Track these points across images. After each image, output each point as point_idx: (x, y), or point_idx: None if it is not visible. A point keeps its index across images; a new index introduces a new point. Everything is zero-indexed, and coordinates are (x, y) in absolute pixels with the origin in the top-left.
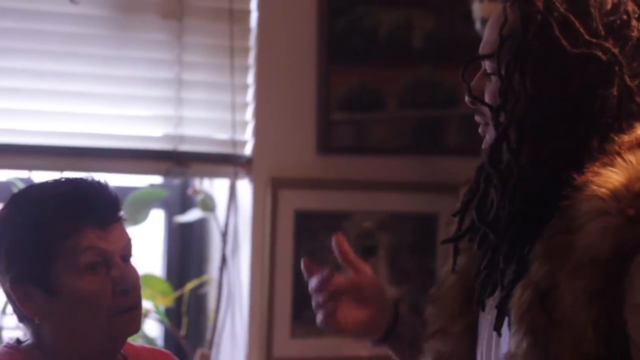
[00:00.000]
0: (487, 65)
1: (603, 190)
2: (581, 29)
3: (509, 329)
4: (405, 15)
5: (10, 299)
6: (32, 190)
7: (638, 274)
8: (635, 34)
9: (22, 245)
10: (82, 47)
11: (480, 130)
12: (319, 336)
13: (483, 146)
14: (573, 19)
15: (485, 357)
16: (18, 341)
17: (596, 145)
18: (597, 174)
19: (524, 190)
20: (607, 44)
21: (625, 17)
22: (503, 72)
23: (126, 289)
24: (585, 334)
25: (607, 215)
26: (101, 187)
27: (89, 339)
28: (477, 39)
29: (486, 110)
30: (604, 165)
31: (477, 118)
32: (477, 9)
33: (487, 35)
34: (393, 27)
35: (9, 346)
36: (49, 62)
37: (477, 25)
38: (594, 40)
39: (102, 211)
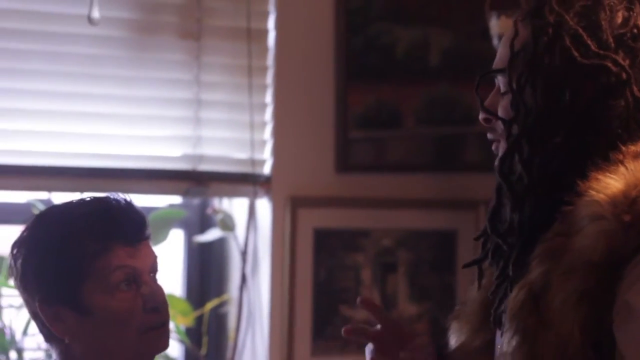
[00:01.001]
0: (500, 82)
1: (601, 195)
2: (592, 42)
3: (504, 330)
4: (423, 32)
5: (37, 319)
6: (58, 210)
7: (631, 275)
8: None
9: (52, 265)
10: (101, 68)
11: (493, 147)
12: (340, 354)
13: (497, 162)
14: (583, 31)
15: None
16: None
17: (603, 154)
18: (597, 180)
19: (534, 199)
20: (617, 57)
21: (635, 30)
22: (514, 85)
23: (156, 307)
24: (571, 336)
25: (603, 219)
26: (128, 205)
27: (119, 356)
28: (495, 55)
29: (499, 126)
30: (606, 172)
31: (490, 135)
32: (494, 26)
33: (500, 52)
34: (410, 44)
35: None
36: (68, 84)
37: (495, 41)
38: (603, 52)
39: (131, 229)
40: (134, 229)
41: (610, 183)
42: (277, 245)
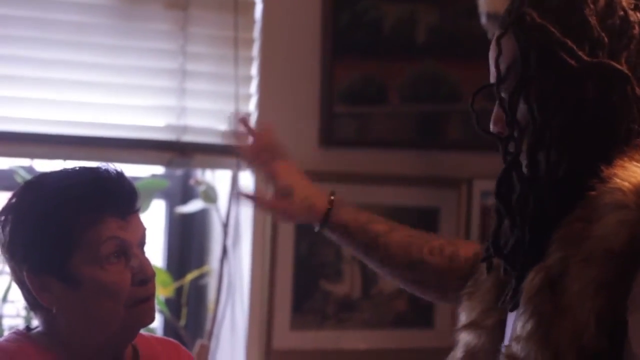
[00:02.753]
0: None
1: (626, 184)
2: (584, 44)
3: (519, 312)
4: (410, 9)
5: (23, 287)
6: (49, 178)
7: None
8: (636, 30)
9: (40, 235)
10: (86, 36)
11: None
12: (319, 328)
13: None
14: (573, 36)
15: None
16: (27, 328)
17: (617, 150)
18: (623, 167)
19: (541, 214)
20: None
21: (622, 13)
22: (507, 103)
23: (145, 280)
24: (587, 324)
25: (626, 208)
26: (120, 177)
27: (106, 329)
28: (482, 33)
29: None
30: (632, 159)
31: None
32: (482, 4)
33: (491, 67)
34: (397, 21)
35: (18, 333)
36: (52, 51)
37: (482, 20)
38: (599, 51)
39: (122, 201)
40: (125, 201)
41: (636, 171)
42: (258, 218)
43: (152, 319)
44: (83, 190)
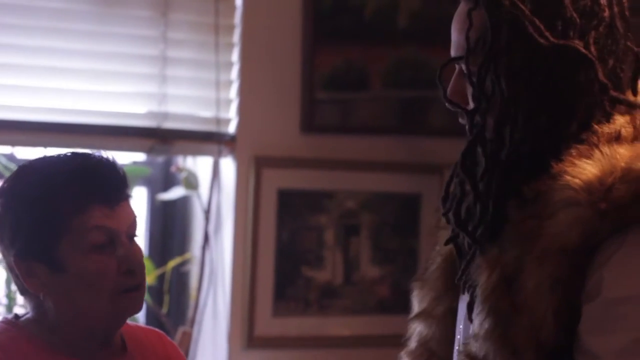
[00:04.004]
0: (463, 66)
1: (576, 181)
2: (556, 23)
3: (475, 310)
4: None
5: (13, 272)
6: (40, 164)
7: (605, 253)
8: (606, 13)
9: (29, 220)
10: (67, 22)
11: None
12: (301, 315)
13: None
14: (546, 14)
15: (462, 340)
16: (16, 316)
17: (574, 133)
18: (573, 164)
19: (502, 189)
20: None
21: None
22: (474, 77)
23: (132, 269)
24: (544, 321)
25: (578, 206)
26: (109, 165)
27: (92, 317)
28: None
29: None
30: (581, 156)
31: (461, 120)
32: None
33: (456, 37)
34: (379, 6)
35: (6, 322)
36: (32, 37)
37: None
38: (570, 32)
39: (110, 189)
40: (112, 189)
41: (586, 168)
42: (240, 205)
43: (139, 309)
44: (71, 178)
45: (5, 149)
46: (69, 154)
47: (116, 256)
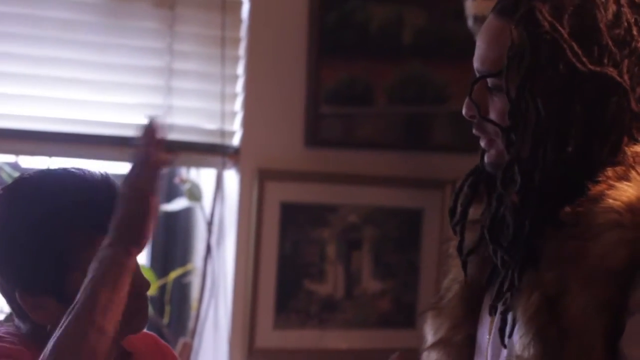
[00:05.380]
0: (490, 81)
1: (618, 203)
2: (593, 49)
3: (517, 332)
4: (397, 10)
5: (13, 303)
6: (32, 188)
7: None
8: (638, 43)
9: (31, 256)
10: (74, 33)
11: (484, 144)
12: (302, 327)
13: (487, 160)
14: (583, 39)
15: None
16: (17, 327)
17: (606, 156)
18: (612, 186)
19: (538, 208)
20: (617, 59)
21: (627, 25)
22: (513, 94)
23: (141, 293)
24: (594, 345)
25: (622, 227)
26: (112, 190)
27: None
28: (468, 36)
29: (490, 127)
30: (619, 178)
31: (477, 133)
32: (469, 6)
33: (486, 51)
34: (384, 22)
35: (13, 334)
36: (40, 48)
37: (469, 22)
38: (605, 58)
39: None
40: None
41: (627, 190)
42: (243, 217)
43: (144, 327)
44: (74, 209)
45: (10, 158)
46: (59, 172)
47: None
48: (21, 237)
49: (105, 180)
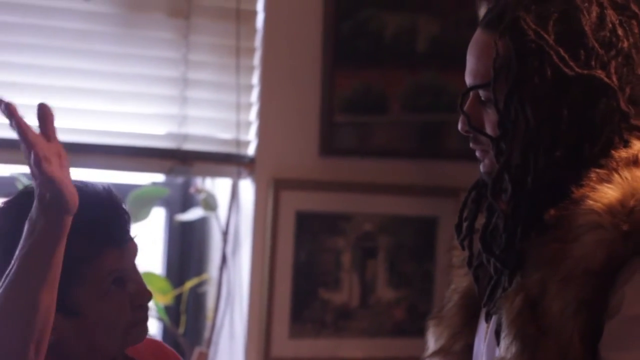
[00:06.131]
0: (482, 93)
1: (599, 204)
2: (579, 53)
3: (502, 334)
4: (411, 19)
5: None
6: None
7: (627, 272)
8: (624, 44)
9: None
10: (89, 43)
11: (478, 154)
12: (317, 337)
13: (482, 169)
14: (569, 44)
15: None
16: None
17: (594, 159)
18: (594, 189)
19: (529, 214)
20: (605, 61)
21: (611, 26)
22: (501, 104)
23: (143, 304)
24: (571, 344)
25: (601, 228)
26: (113, 202)
27: (105, 352)
28: None
29: (485, 139)
30: (601, 180)
31: (473, 145)
32: (482, 15)
33: (474, 64)
34: (398, 31)
35: None
36: (55, 58)
37: None
38: (593, 62)
39: (120, 231)
40: (122, 231)
41: (608, 192)
42: (258, 227)
43: (145, 337)
44: (79, 224)
45: (26, 169)
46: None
47: (128, 293)
48: None
49: (108, 195)
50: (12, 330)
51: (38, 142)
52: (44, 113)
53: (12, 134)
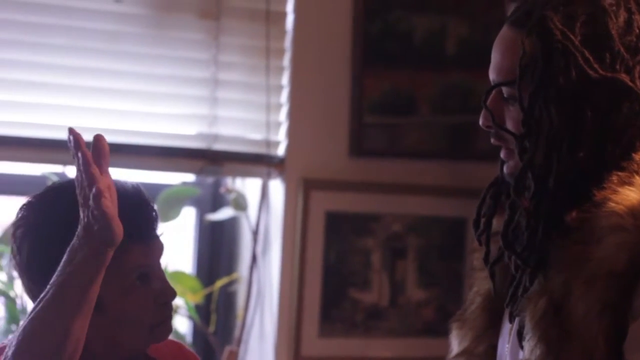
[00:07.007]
0: (505, 90)
1: (621, 207)
2: (605, 55)
3: (525, 336)
4: (440, 21)
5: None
6: (64, 201)
7: None
8: None
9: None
10: (120, 45)
11: (502, 155)
12: (347, 336)
13: (506, 170)
14: (595, 46)
15: None
16: None
17: (616, 161)
18: (615, 191)
19: (551, 214)
20: (629, 66)
21: (637, 31)
22: (526, 102)
23: (167, 302)
24: (596, 346)
25: (624, 231)
26: (141, 199)
27: (127, 349)
28: None
29: (508, 136)
30: (623, 183)
31: (495, 142)
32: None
33: (499, 60)
34: (427, 32)
35: None
36: (87, 59)
37: None
38: (618, 65)
39: (147, 227)
40: (149, 227)
41: (629, 194)
42: (288, 227)
43: (169, 335)
44: None
45: (57, 168)
46: None
47: (152, 290)
48: (49, 247)
49: (136, 191)
50: (41, 354)
51: (99, 177)
52: (101, 146)
53: (43, 134)
